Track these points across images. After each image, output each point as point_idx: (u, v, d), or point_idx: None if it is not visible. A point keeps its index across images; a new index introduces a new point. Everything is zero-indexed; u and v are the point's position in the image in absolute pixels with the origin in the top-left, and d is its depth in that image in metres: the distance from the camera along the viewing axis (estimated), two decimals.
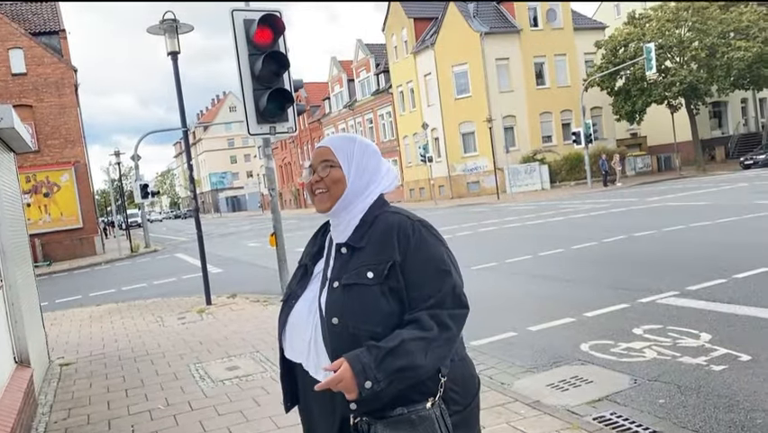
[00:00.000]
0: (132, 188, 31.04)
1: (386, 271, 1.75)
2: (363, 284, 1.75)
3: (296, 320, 1.86)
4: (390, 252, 1.77)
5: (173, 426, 4.80)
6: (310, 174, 1.89)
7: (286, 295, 1.96)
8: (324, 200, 1.86)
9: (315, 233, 2.04)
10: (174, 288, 13.87)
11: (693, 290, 7.34)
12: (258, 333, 7.75)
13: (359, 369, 1.65)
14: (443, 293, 1.75)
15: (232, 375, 6.00)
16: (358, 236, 1.83)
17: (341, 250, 1.83)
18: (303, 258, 2.00)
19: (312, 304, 1.83)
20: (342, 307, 1.74)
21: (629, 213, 18.08)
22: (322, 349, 1.77)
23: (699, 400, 4.35)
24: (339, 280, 1.78)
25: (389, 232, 1.80)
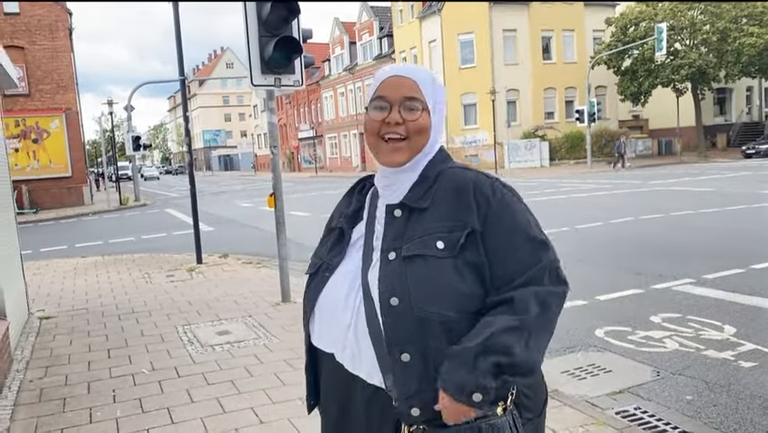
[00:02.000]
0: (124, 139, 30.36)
1: (462, 240, 1.36)
2: (432, 256, 1.35)
3: (330, 300, 1.45)
4: (466, 216, 1.38)
5: (158, 393, 4.43)
6: (383, 111, 1.41)
7: (314, 266, 1.54)
8: (399, 151, 1.42)
9: (350, 190, 1.63)
10: (163, 244, 13.45)
11: (710, 278, 7.00)
12: (251, 296, 7.36)
13: (462, 396, 1.29)
14: (539, 268, 1.39)
15: (222, 340, 5.63)
16: (417, 195, 1.43)
17: (393, 213, 1.43)
18: (334, 220, 1.59)
19: (353, 280, 1.43)
20: (404, 284, 1.34)
21: (632, 195, 17.73)
22: (364, 337, 1.38)
23: (730, 399, 4.02)
24: (396, 250, 1.38)
25: (463, 191, 1.41)
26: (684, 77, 34.51)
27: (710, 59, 33.81)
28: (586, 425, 3.61)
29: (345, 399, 1.47)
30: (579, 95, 38.64)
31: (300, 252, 9.88)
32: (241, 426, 3.78)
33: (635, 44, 34.68)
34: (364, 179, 1.62)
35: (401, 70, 1.46)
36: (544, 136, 38.03)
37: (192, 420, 3.91)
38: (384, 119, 1.41)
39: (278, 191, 6.81)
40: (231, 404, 4.14)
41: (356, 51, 53.24)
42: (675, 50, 34.55)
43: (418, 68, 1.48)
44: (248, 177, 60.43)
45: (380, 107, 1.42)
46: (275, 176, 6.84)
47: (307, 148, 64.13)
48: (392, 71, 1.46)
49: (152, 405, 4.20)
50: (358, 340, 1.39)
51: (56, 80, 26.62)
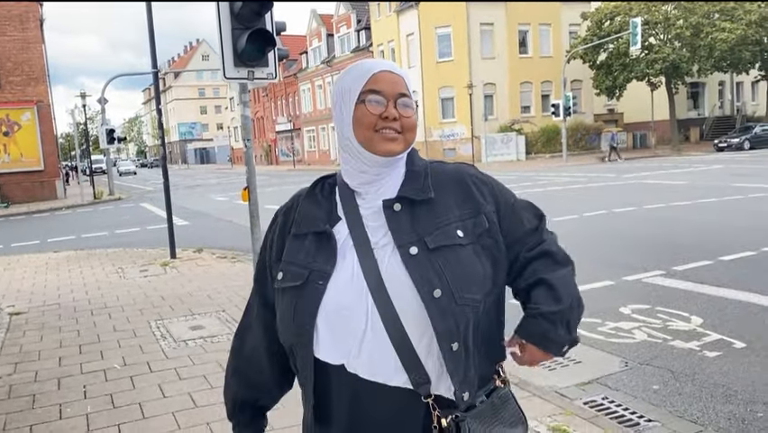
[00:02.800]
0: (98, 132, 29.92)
1: (485, 224, 1.43)
2: (457, 245, 1.37)
3: (336, 308, 1.36)
4: (473, 203, 1.43)
5: (129, 389, 4.40)
6: (380, 105, 1.38)
7: (299, 276, 1.40)
8: (396, 141, 1.39)
9: (310, 191, 1.50)
10: (137, 238, 13.31)
11: (680, 270, 7.13)
12: (225, 291, 7.34)
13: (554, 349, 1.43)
14: (543, 224, 1.53)
15: (195, 335, 5.61)
16: (415, 187, 1.41)
17: (392, 207, 1.39)
18: (302, 224, 1.45)
19: (357, 284, 1.35)
20: (441, 276, 1.33)
21: (607, 188, 17.95)
22: (383, 339, 1.33)
23: (694, 388, 4.11)
24: (415, 244, 1.35)
25: (458, 180, 1.45)
26: (658, 71, 34.93)
27: (684, 53, 34.25)
28: (554, 415, 3.67)
29: (358, 411, 1.39)
30: (555, 89, 38.91)
31: None
32: (212, 420, 3.78)
33: (610, 38, 34.99)
34: (321, 180, 1.53)
35: (390, 66, 1.43)
36: (521, 130, 38.26)
37: (163, 415, 3.90)
38: (381, 114, 1.37)
39: (252, 185, 6.78)
40: (203, 399, 4.14)
41: (334, 44, 52.99)
42: (649, 45, 34.93)
43: (395, 65, 1.47)
44: (224, 170, 59.94)
45: (377, 101, 1.38)
46: (249, 169, 6.81)
47: (285, 141, 63.77)
48: (382, 66, 1.42)
49: (124, 400, 4.18)
50: (377, 343, 1.33)
51: (27, 72, 26.11)
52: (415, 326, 1.32)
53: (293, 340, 1.41)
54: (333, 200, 1.47)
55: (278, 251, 1.48)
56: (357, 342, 1.34)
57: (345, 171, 1.47)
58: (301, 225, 1.45)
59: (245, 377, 1.58)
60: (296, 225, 1.46)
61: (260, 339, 1.55)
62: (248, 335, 1.59)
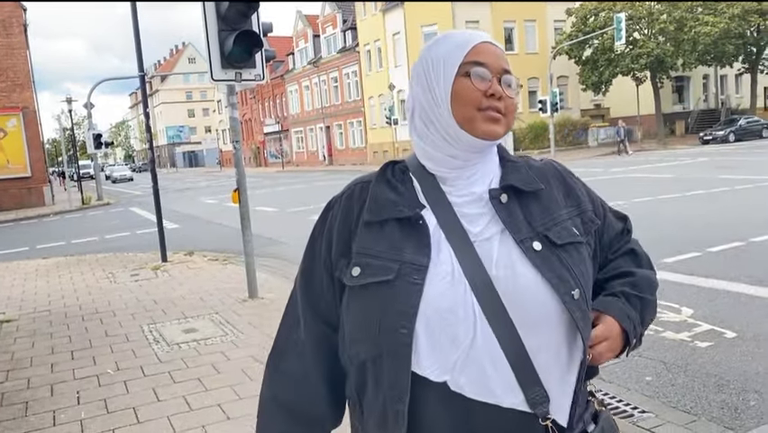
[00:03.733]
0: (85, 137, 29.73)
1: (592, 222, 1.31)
2: (579, 243, 1.24)
3: (438, 312, 1.12)
4: (577, 199, 1.30)
5: (123, 393, 4.38)
6: (485, 81, 1.17)
7: (389, 270, 1.15)
8: (499, 123, 1.19)
9: (380, 174, 1.27)
10: (127, 243, 13.25)
11: (669, 262, 7.18)
12: (217, 293, 7.32)
13: (631, 329, 1.25)
14: (629, 225, 1.47)
15: (189, 338, 5.59)
16: (521, 178, 1.23)
17: (499, 198, 1.20)
18: (383, 210, 1.20)
19: (458, 283, 1.13)
20: (573, 275, 1.17)
21: (595, 183, 17.98)
22: (494, 351, 1.11)
23: (687, 378, 4.15)
24: (536, 238, 1.18)
25: (558, 175, 1.31)
26: (643, 65, 35.19)
27: (668, 47, 34.52)
28: None
29: None
30: (541, 85, 39.07)
31: (266, 247, 9.86)
32: (207, 423, 3.77)
33: (594, 34, 35.18)
34: (391, 164, 1.30)
35: (490, 38, 1.24)
36: None
37: (158, 419, 3.89)
38: (487, 90, 1.17)
39: (243, 186, 6.77)
40: (197, 402, 4.13)
41: (320, 45, 52.93)
42: (634, 40, 35.17)
43: None
44: (213, 173, 59.71)
45: (482, 75, 1.17)
46: (238, 171, 6.80)
47: (273, 143, 63.64)
48: (483, 36, 1.23)
49: (117, 405, 4.16)
50: (487, 355, 1.12)
51: (11, 78, 25.90)
52: (535, 334, 1.13)
53: (379, 350, 1.14)
54: (411, 186, 1.24)
55: (343, 244, 1.23)
56: (462, 354, 1.11)
57: (427, 155, 1.24)
58: (378, 210, 1.20)
59: (294, 411, 1.28)
60: (369, 211, 1.21)
61: (313, 362, 1.27)
62: (294, 357, 1.29)
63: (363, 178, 1.29)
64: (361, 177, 1.29)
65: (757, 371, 4.14)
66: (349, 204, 1.25)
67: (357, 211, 1.23)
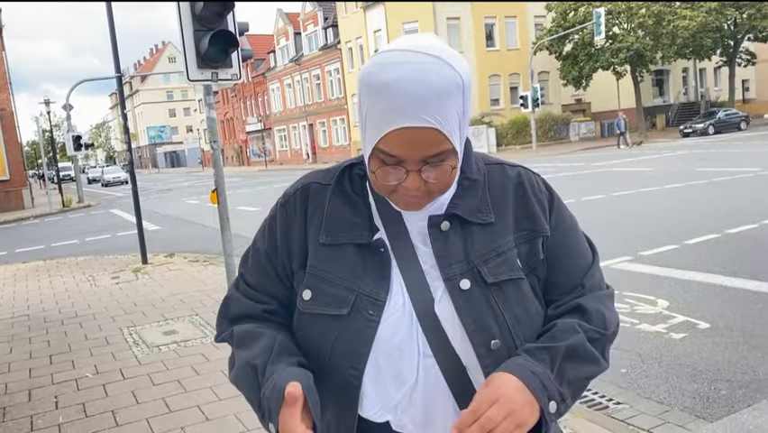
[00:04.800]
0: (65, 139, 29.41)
1: (541, 253, 1.13)
2: (519, 279, 1.10)
3: (388, 350, 1.07)
4: (533, 222, 1.14)
5: (102, 397, 4.37)
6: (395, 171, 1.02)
7: (345, 301, 1.09)
8: (419, 204, 1.07)
9: (338, 184, 1.17)
10: (108, 245, 13.15)
11: (646, 255, 7.28)
12: (198, 295, 7.30)
13: (537, 385, 0.99)
14: (594, 269, 1.19)
15: (169, 340, 5.58)
16: (471, 204, 1.11)
17: (439, 226, 1.10)
18: (341, 232, 1.12)
19: (408, 319, 1.07)
20: (501, 321, 1.07)
21: (577, 177, 18.18)
22: (438, 391, 1.08)
23: (661, 369, 4.21)
24: (467, 274, 1.07)
25: (520, 192, 1.15)
26: (623, 60, 35.50)
27: (647, 41, 34.86)
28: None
29: None
30: (522, 81, 39.28)
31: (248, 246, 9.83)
32: (187, 424, 3.78)
33: (574, 29, 35.41)
34: (347, 169, 1.18)
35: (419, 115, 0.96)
36: (491, 123, 38.55)
37: (137, 422, 3.88)
38: (399, 184, 1.03)
39: (221, 186, 6.75)
40: (177, 403, 4.13)
41: (301, 42, 52.77)
42: (614, 34, 35.47)
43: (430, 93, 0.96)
44: (195, 173, 59.33)
45: (391, 168, 1.02)
46: (216, 172, 6.77)
47: (256, 141, 63.38)
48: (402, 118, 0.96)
49: (96, 409, 4.15)
50: (432, 393, 1.08)
51: None
52: (477, 373, 1.07)
53: (326, 380, 1.08)
54: (367, 202, 1.15)
55: (299, 251, 1.15)
56: (407, 393, 1.07)
57: None
58: (334, 232, 1.12)
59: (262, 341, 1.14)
60: (325, 231, 1.13)
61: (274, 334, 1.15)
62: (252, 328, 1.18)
63: (318, 177, 1.20)
64: (316, 174, 1.21)
65: (729, 360, 4.21)
66: (304, 206, 1.17)
67: (310, 217, 1.15)
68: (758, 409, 3.53)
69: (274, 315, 1.19)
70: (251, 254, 1.24)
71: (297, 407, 0.97)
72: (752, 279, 5.93)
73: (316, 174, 1.22)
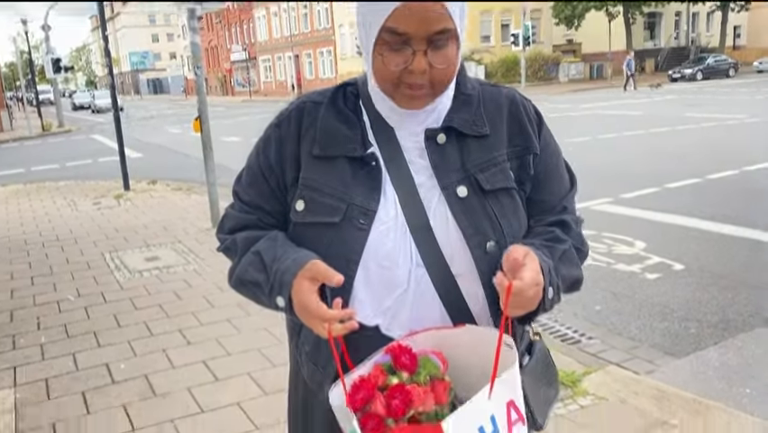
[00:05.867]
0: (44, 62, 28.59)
1: (531, 167, 1.19)
2: (513, 188, 1.16)
3: (379, 257, 1.11)
4: (525, 139, 1.19)
5: (84, 319, 4.41)
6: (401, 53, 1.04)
7: (336, 210, 1.12)
8: (422, 99, 1.10)
9: (332, 100, 1.20)
10: (89, 171, 13.00)
11: (627, 197, 7.36)
12: (180, 222, 7.29)
13: (546, 270, 1.07)
14: (572, 193, 1.28)
15: (151, 266, 5.60)
16: (467, 118, 1.15)
17: (436, 139, 1.14)
18: (333, 145, 1.15)
19: (401, 227, 1.11)
20: (495, 224, 1.12)
21: (562, 119, 18.10)
22: (428, 296, 1.13)
23: (634, 307, 4.33)
24: (464, 182, 1.12)
25: (514, 111, 1.20)
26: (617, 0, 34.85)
27: None
28: None
29: None
30: (514, 18, 38.50)
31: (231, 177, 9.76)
32: (168, 347, 3.84)
33: None
34: (342, 88, 1.22)
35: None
36: (480, 60, 37.99)
37: (119, 344, 3.94)
38: (406, 67, 1.05)
39: (204, 115, 6.66)
40: (159, 327, 4.18)
41: None
42: None
43: None
44: (178, 101, 58.23)
45: (396, 48, 1.04)
46: (200, 99, 6.66)
47: (240, 71, 62.12)
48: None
49: (78, 330, 4.20)
50: (422, 301, 1.13)
51: None
52: (466, 282, 1.13)
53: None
54: (361, 119, 1.17)
55: (292, 167, 1.18)
56: (397, 299, 1.13)
57: (374, 91, 1.16)
58: (327, 145, 1.15)
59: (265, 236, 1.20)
60: (318, 144, 1.15)
61: None
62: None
63: (313, 96, 1.22)
64: (311, 95, 1.23)
65: (700, 301, 4.34)
66: (298, 124, 1.19)
67: (304, 133, 1.18)
68: (724, 346, 3.66)
69: (270, 226, 1.23)
70: (245, 173, 1.27)
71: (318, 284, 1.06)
72: (728, 223, 6.04)
73: (311, 94, 1.24)
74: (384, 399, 0.99)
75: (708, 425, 2.71)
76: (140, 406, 3.16)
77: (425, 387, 1.01)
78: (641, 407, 2.90)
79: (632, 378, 3.22)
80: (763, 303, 4.22)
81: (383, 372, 1.03)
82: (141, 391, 3.30)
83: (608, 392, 3.06)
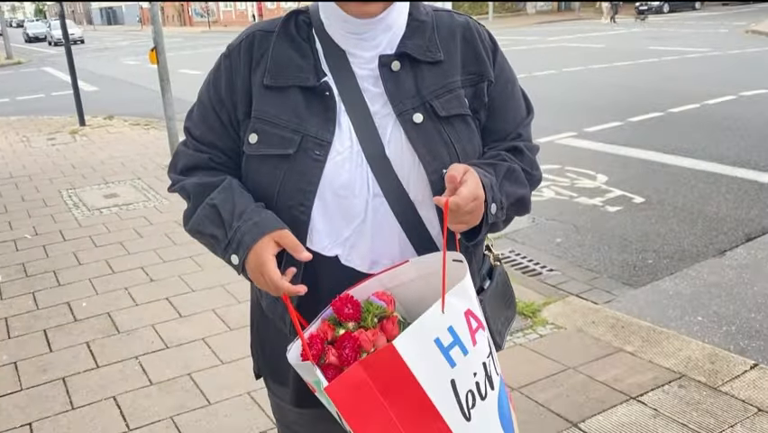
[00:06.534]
0: None
1: (486, 95, 1.17)
2: (467, 114, 1.15)
3: (335, 187, 1.10)
4: (479, 66, 1.17)
5: (42, 258, 4.32)
6: None
7: (291, 142, 1.10)
8: (374, 2, 1.08)
9: (283, 28, 1.16)
10: (42, 105, 12.50)
11: (590, 131, 7.40)
12: (139, 158, 7.11)
13: (487, 185, 1.07)
14: (528, 121, 1.26)
15: (110, 204, 5.48)
16: (420, 44, 1.13)
17: (390, 66, 1.11)
18: (285, 74, 1.12)
19: (356, 157, 1.10)
20: (451, 151, 1.12)
21: (530, 51, 17.97)
22: (386, 225, 1.12)
23: (594, 240, 4.41)
24: (419, 109, 1.11)
25: (468, 37, 1.18)
26: None
27: None
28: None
29: None
30: None
31: None
32: (130, 285, 3.80)
33: None
34: (293, 15, 1.18)
35: None
36: None
37: (79, 282, 3.88)
38: None
39: (160, 46, 6.39)
40: (120, 265, 4.12)
41: None
42: None
43: None
44: (134, 31, 55.96)
45: None
46: (155, 29, 6.38)
47: None
48: None
49: (37, 269, 4.12)
50: (379, 231, 1.12)
51: None
52: (424, 208, 1.13)
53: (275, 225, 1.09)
54: (314, 47, 1.14)
55: (243, 101, 1.14)
56: (356, 230, 1.12)
57: (325, 14, 1.13)
58: (279, 74, 1.12)
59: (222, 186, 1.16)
60: (270, 74, 1.12)
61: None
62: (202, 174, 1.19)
63: (263, 25, 1.18)
64: (261, 24, 1.19)
65: (658, 233, 4.44)
66: (249, 54, 1.15)
67: (255, 65, 1.14)
68: (679, 276, 3.78)
69: (222, 165, 1.19)
70: (196, 108, 1.22)
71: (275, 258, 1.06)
72: (688, 156, 6.14)
73: (260, 23, 1.19)
74: (335, 350, 1.00)
75: (662, 351, 2.82)
76: (103, 343, 3.14)
77: (373, 329, 1.02)
78: (597, 335, 2.99)
79: (590, 308, 3.31)
80: (717, 234, 4.35)
81: (330, 326, 1.04)
82: (105, 329, 3.28)
83: (567, 322, 3.14)
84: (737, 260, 3.95)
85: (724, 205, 4.86)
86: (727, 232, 4.36)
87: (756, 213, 4.65)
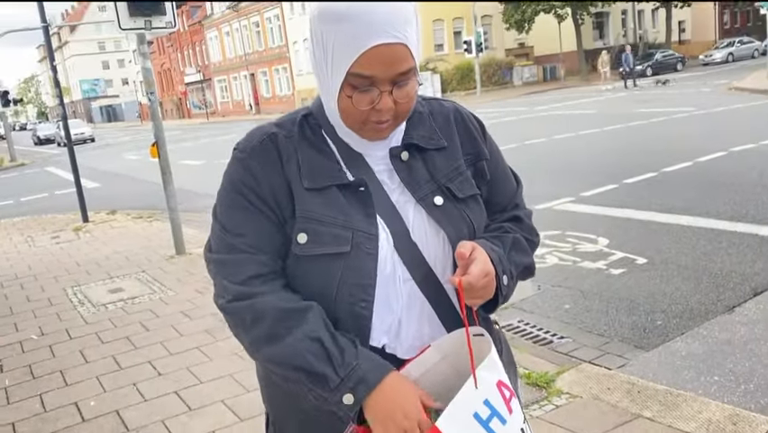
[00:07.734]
0: None
1: (487, 173, 1.28)
2: (477, 194, 1.25)
3: (381, 280, 1.14)
4: (476, 147, 1.28)
5: (49, 358, 4.29)
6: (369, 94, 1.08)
7: (344, 240, 1.12)
8: (386, 131, 1.15)
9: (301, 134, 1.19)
10: (46, 204, 12.69)
11: (587, 195, 7.49)
12: (143, 252, 7.16)
13: (496, 258, 1.16)
14: (519, 191, 1.39)
15: (115, 298, 5.49)
16: (424, 134, 1.22)
17: (400, 157, 1.19)
18: (321, 175, 1.15)
19: (389, 247, 1.15)
20: (470, 228, 1.21)
21: (520, 122, 18.40)
22: (426, 312, 1.19)
23: (602, 304, 4.40)
24: (438, 192, 1.19)
25: (461, 121, 1.28)
26: (564, 2, 35.59)
27: None
28: None
29: None
30: (466, 25, 39.02)
31: (194, 201, 9.66)
32: (138, 380, 3.76)
33: None
34: (303, 120, 1.22)
35: (388, 31, 1.04)
36: (435, 69, 38.35)
37: (87, 380, 3.84)
38: (373, 107, 1.09)
39: (161, 140, 6.57)
40: (127, 360, 4.09)
41: None
42: None
43: (401, 11, 1.06)
44: (134, 127, 57.38)
45: (363, 90, 1.07)
46: (155, 124, 6.58)
47: (196, 93, 61.53)
48: (378, 35, 1.03)
49: (44, 370, 4.08)
50: (419, 317, 1.18)
51: None
52: (450, 286, 1.18)
53: (333, 317, 1.12)
54: (332, 149, 1.20)
55: (286, 197, 1.14)
56: (396, 318, 1.17)
57: (336, 122, 1.18)
58: (315, 176, 1.15)
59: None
60: (307, 177, 1.14)
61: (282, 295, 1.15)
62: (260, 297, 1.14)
63: (276, 129, 1.19)
64: (272, 126, 1.20)
65: (664, 292, 4.43)
66: (278, 155, 1.15)
67: (285, 165, 1.15)
68: (690, 336, 3.74)
69: (275, 272, 1.16)
70: (227, 215, 1.17)
71: None
72: (686, 214, 6.19)
73: (271, 126, 1.21)
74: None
75: (681, 415, 2.76)
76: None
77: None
78: (614, 402, 2.95)
79: (604, 374, 3.27)
80: (724, 290, 4.34)
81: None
82: (114, 428, 3.22)
83: (582, 390, 3.10)
84: (747, 315, 3.92)
85: (727, 260, 4.87)
86: (734, 288, 4.35)
87: (761, 266, 4.66)
